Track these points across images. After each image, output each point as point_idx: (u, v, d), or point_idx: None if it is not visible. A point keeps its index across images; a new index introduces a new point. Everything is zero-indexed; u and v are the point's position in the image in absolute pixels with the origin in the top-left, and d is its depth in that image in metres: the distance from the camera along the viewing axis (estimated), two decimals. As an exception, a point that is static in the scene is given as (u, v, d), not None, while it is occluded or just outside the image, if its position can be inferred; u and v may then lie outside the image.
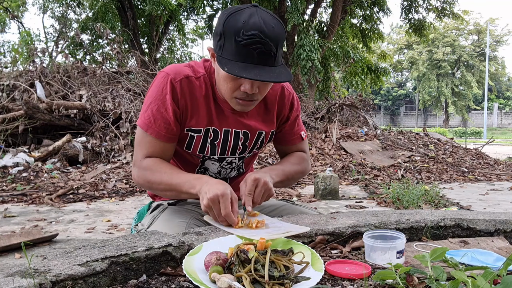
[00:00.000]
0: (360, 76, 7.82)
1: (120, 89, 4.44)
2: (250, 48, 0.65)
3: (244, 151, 0.85)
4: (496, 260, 0.57)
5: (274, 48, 0.66)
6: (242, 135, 0.82)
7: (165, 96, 0.75)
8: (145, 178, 0.76)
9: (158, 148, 0.77)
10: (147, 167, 0.76)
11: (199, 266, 0.51)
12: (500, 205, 2.47)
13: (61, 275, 0.47)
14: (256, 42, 0.64)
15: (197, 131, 0.79)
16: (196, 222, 0.79)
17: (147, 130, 0.76)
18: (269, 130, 0.85)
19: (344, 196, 2.78)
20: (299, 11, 5.86)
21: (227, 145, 0.82)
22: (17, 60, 5.50)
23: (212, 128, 0.79)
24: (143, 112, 0.77)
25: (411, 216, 0.75)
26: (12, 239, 1.47)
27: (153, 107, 0.75)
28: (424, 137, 5.38)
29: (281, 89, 0.84)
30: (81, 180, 3.10)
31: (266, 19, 0.66)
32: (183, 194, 0.74)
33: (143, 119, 0.77)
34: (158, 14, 7.97)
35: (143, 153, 0.77)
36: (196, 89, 0.76)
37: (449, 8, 7.94)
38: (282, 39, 0.68)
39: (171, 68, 0.77)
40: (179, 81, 0.75)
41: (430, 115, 27.71)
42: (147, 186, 0.79)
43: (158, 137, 0.76)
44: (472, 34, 23.31)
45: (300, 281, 0.48)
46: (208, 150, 0.82)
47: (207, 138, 0.80)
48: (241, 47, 0.65)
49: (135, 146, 0.80)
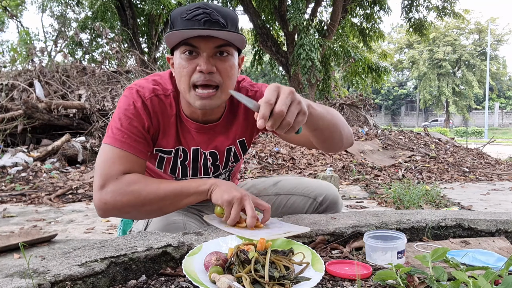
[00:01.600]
0: (360, 76, 7.81)
1: (119, 88, 4.44)
2: (196, 20, 0.62)
3: (218, 170, 0.79)
4: (497, 260, 0.57)
5: (222, 19, 0.63)
6: (209, 155, 0.76)
7: (137, 110, 0.68)
8: (131, 194, 0.64)
9: (135, 164, 0.67)
10: (132, 181, 0.65)
11: (198, 267, 0.50)
12: (501, 205, 2.46)
13: (60, 275, 0.46)
14: (201, 12, 0.62)
15: (167, 152, 0.74)
16: (189, 219, 0.77)
17: (121, 146, 0.66)
18: (243, 137, 0.78)
19: (345, 196, 2.77)
20: (300, 10, 5.85)
21: (198, 165, 0.76)
22: (16, 60, 5.50)
23: (181, 147, 0.74)
24: (111, 129, 0.68)
25: (412, 216, 0.75)
26: (11, 240, 1.47)
27: (124, 122, 0.68)
28: (425, 137, 5.38)
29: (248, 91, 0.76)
30: (80, 180, 3.10)
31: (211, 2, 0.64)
32: (188, 198, 0.67)
33: (112, 136, 0.67)
34: (158, 13, 7.96)
35: (119, 169, 0.65)
36: (166, 108, 0.71)
37: (450, 7, 7.94)
38: (231, 15, 0.66)
39: (139, 85, 0.71)
40: (150, 98, 0.69)
41: (431, 115, 27.70)
42: (133, 204, 0.65)
43: (135, 152, 0.67)
44: (473, 33, 23.29)
45: (300, 281, 0.48)
46: (179, 171, 0.77)
47: (177, 159, 0.75)
48: (187, 22, 0.63)
49: (100, 165, 0.66)
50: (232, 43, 0.67)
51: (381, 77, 7.82)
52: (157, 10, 7.51)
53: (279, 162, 3.87)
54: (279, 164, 3.84)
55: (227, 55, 0.67)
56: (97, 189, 0.66)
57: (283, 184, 0.87)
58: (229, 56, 0.67)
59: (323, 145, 0.72)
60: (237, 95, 0.54)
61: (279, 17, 6.83)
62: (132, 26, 8.10)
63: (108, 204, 0.65)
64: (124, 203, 0.65)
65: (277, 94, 0.51)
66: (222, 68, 0.66)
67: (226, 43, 0.66)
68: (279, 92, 0.52)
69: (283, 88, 0.52)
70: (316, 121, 0.63)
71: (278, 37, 8.01)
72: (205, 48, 0.65)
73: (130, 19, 8.21)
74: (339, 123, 0.70)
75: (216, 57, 0.66)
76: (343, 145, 0.74)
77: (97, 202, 0.66)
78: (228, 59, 0.67)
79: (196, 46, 0.65)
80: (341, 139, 0.72)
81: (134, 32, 8.07)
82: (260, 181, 0.90)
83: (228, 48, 0.67)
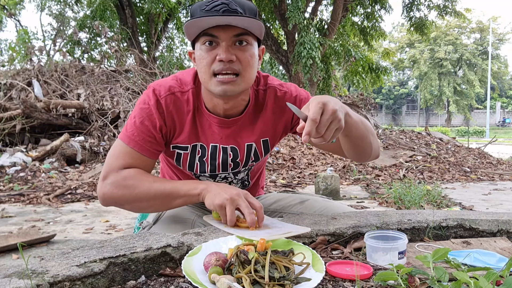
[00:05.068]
0: (361, 75, 7.80)
1: (118, 88, 4.43)
2: (214, 10, 0.64)
3: (237, 167, 0.78)
4: (498, 260, 0.57)
5: (240, 8, 0.65)
6: (230, 151, 0.75)
7: (150, 110, 0.71)
8: (126, 188, 0.67)
9: (138, 161, 0.70)
10: (129, 176, 0.68)
11: (198, 267, 0.50)
12: (503, 205, 2.46)
13: (59, 276, 0.46)
14: (220, 3, 0.64)
15: (183, 148, 0.75)
16: (201, 220, 0.77)
17: (129, 143, 0.70)
18: (267, 137, 0.77)
19: (345, 196, 2.77)
20: (300, 9, 5.83)
21: (216, 162, 0.76)
22: (14, 59, 5.49)
23: (199, 144, 0.75)
24: (126, 126, 0.72)
25: (413, 216, 0.74)
26: (9, 240, 1.47)
27: (137, 120, 0.71)
28: (426, 137, 5.38)
29: (277, 91, 0.76)
30: (79, 180, 3.10)
31: None
32: (178, 200, 0.68)
33: (125, 132, 0.71)
34: (157, 12, 7.94)
35: (120, 164, 0.69)
36: (182, 105, 0.72)
37: (451, 6, 7.90)
38: (250, 5, 0.67)
39: (157, 84, 0.73)
40: (164, 97, 0.71)
41: (432, 114, 27.67)
42: (126, 198, 0.68)
43: (141, 151, 0.70)
44: (475, 32, 23.23)
45: (301, 282, 0.47)
46: (197, 167, 0.77)
47: (195, 155, 0.75)
48: (206, 13, 0.64)
49: (108, 158, 0.71)
50: (252, 33, 0.67)
51: (380, 78, 7.80)
52: (157, 9, 7.49)
53: (279, 162, 3.86)
54: (279, 163, 3.84)
55: (246, 44, 0.67)
56: (100, 180, 0.71)
57: (311, 204, 0.83)
58: (248, 45, 0.68)
59: (352, 151, 0.73)
60: (292, 107, 0.57)
61: (279, 16, 6.82)
62: (131, 25, 8.09)
63: (106, 195, 0.69)
64: (119, 196, 0.69)
65: (322, 111, 0.55)
66: (242, 57, 0.67)
67: (245, 32, 0.66)
68: (324, 110, 0.56)
69: (327, 106, 0.56)
70: (350, 129, 0.65)
71: (279, 36, 8.00)
72: (224, 37, 0.66)
73: (130, 18, 8.19)
74: (369, 135, 0.72)
75: (235, 46, 0.67)
76: (370, 156, 0.75)
77: (98, 191, 0.71)
78: (248, 49, 0.68)
79: (216, 35, 0.66)
80: (370, 150, 0.74)
81: (133, 31, 8.05)
82: (286, 196, 0.87)
83: (247, 38, 0.67)
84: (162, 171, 0.88)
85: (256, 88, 0.77)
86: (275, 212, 0.86)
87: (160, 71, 5.25)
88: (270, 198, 0.89)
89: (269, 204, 0.87)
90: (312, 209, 0.83)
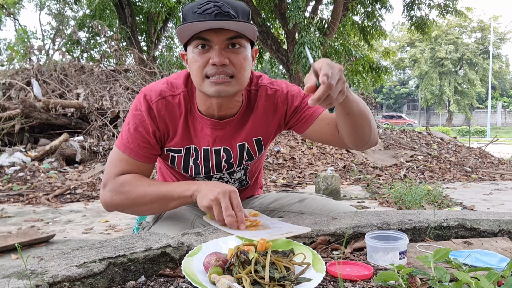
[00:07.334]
0: (361, 74, 7.79)
1: (118, 87, 4.42)
2: (207, 13, 0.63)
3: (231, 167, 0.78)
4: (500, 261, 0.57)
5: (233, 11, 0.64)
6: (223, 152, 0.76)
7: (142, 116, 0.71)
8: (123, 194, 0.69)
9: (135, 167, 0.72)
10: (125, 182, 0.70)
11: (198, 267, 0.50)
12: (504, 205, 2.46)
13: (58, 276, 0.46)
14: (212, 6, 0.63)
15: (177, 151, 0.75)
16: (201, 220, 0.77)
17: (124, 150, 0.71)
18: (259, 135, 0.77)
19: (346, 196, 2.77)
20: (300, 8, 5.82)
21: (209, 163, 0.76)
22: (13, 58, 5.49)
23: (193, 146, 0.75)
24: (121, 133, 0.73)
25: (414, 216, 0.74)
26: (8, 240, 1.47)
27: (131, 127, 0.72)
28: (427, 136, 5.37)
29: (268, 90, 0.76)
30: (79, 180, 3.09)
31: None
32: (173, 202, 0.70)
33: (120, 140, 0.72)
34: (157, 11, 7.93)
35: (117, 171, 0.71)
36: (174, 108, 0.72)
37: (452, 5, 7.88)
38: (242, 7, 0.66)
39: (148, 89, 0.73)
40: (156, 102, 0.71)
41: (433, 114, 27.64)
42: (125, 204, 0.71)
43: (136, 157, 0.71)
44: (476, 32, 23.18)
45: (301, 282, 0.47)
46: (191, 169, 0.77)
47: (189, 158, 0.76)
48: (198, 16, 0.64)
49: (106, 166, 0.74)
50: (244, 35, 0.67)
51: (380, 77, 7.79)
52: (156, 8, 7.48)
53: (279, 162, 3.86)
54: (280, 163, 3.83)
55: (239, 47, 0.67)
56: (101, 188, 0.73)
57: (310, 203, 0.84)
58: (241, 48, 0.67)
59: (351, 134, 0.70)
60: (308, 53, 0.60)
61: (279, 15, 6.81)
62: (130, 24, 8.08)
63: (107, 202, 0.72)
64: (118, 202, 0.71)
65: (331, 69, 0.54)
66: (235, 60, 0.66)
67: (238, 35, 0.66)
68: (333, 68, 0.54)
69: (334, 65, 0.55)
70: (350, 104, 0.63)
71: (279, 36, 7.99)
72: (217, 41, 0.65)
73: (129, 17, 8.18)
74: (369, 113, 0.69)
75: (228, 49, 0.66)
76: (370, 139, 0.72)
77: (100, 199, 0.74)
78: (241, 51, 0.67)
79: (208, 39, 0.65)
80: (370, 131, 0.71)
81: (133, 30, 8.05)
82: (285, 195, 0.88)
83: (240, 40, 0.67)
84: (160, 170, 0.88)
85: (248, 88, 0.77)
86: (274, 211, 0.86)
87: (160, 70, 5.24)
88: (269, 197, 0.89)
89: (268, 203, 0.87)
90: (311, 207, 0.83)
